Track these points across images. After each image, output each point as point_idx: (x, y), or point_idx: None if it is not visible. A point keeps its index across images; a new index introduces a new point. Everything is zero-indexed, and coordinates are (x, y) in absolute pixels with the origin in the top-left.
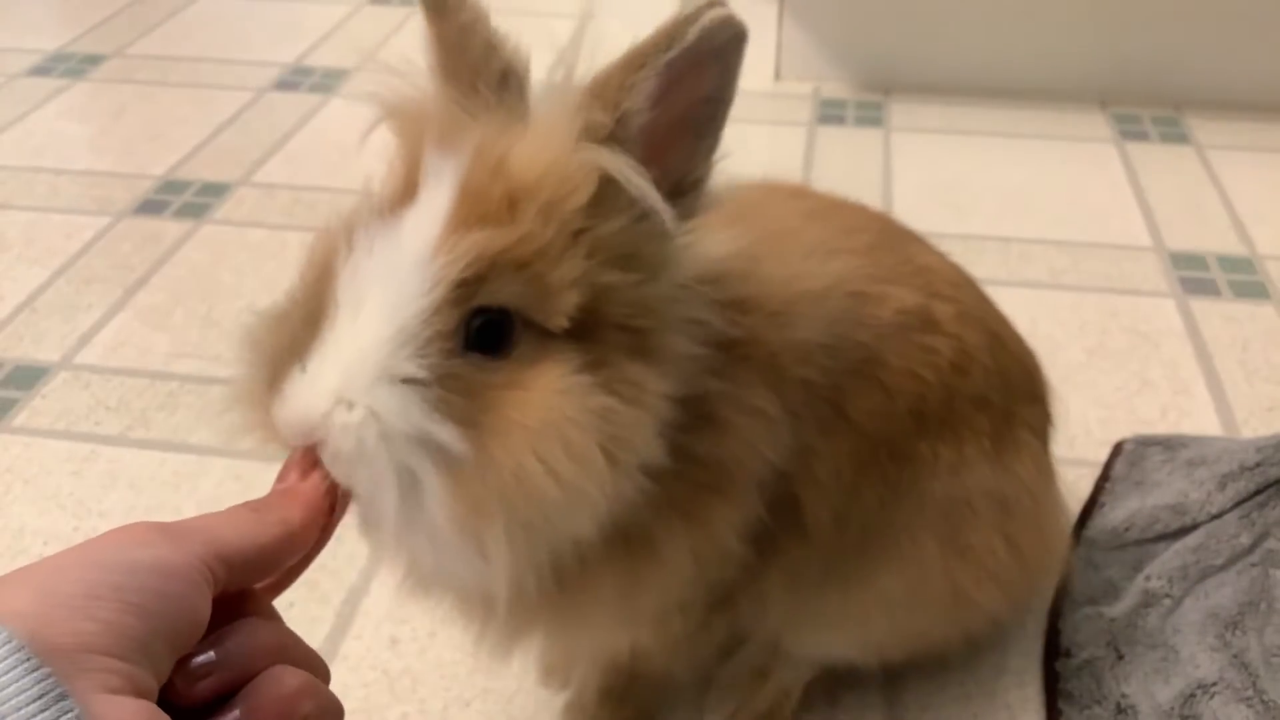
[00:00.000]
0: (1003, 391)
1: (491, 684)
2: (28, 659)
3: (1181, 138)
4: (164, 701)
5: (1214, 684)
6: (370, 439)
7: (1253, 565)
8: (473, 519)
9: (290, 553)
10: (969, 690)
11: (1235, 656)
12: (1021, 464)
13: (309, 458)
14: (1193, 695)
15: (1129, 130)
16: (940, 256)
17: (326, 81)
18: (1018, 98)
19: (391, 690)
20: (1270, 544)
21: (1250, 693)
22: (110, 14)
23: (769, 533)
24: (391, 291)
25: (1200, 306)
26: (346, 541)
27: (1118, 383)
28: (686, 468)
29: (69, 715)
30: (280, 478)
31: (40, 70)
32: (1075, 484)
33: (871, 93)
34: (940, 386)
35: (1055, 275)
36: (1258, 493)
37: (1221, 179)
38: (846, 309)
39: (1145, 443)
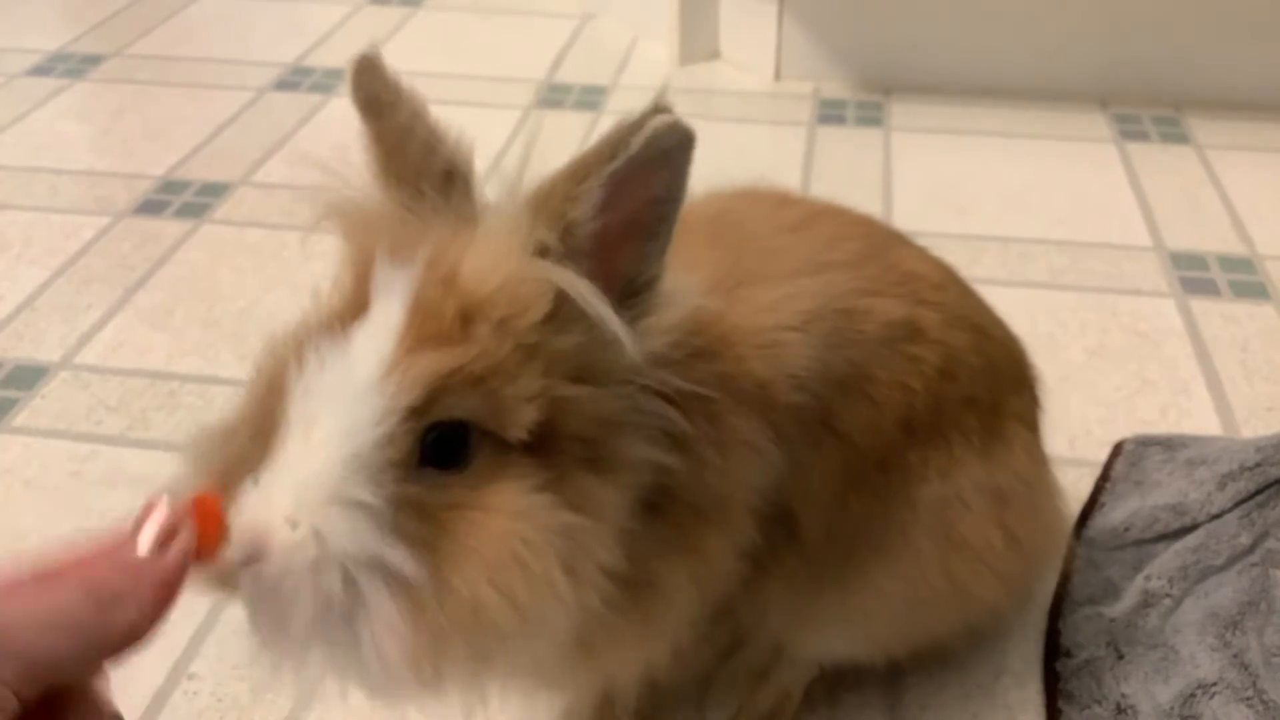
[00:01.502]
0: (990, 387)
1: None
2: None
3: (1182, 138)
4: None
5: (1214, 684)
6: (306, 561)
7: (1253, 565)
8: (428, 649)
9: (132, 646)
10: (969, 690)
11: (1235, 656)
12: (1013, 455)
13: (172, 524)
14: (1193, 695)
15: (1129, 130)
16: (923, 257)
17: (327, 81)
18: (1018, 98)
19: None
20: (1270, 544)
21: (1250, 693)
22: (110, 14)
23: (765, 548)
24: (344, 414)
25: (1200, 306)
26: None
27: (1118, 382)
28: (675, 510)
29: None
30: (132, 533)
31: (40, 70)
32: (1075, 484)
33: (871, 93)
34: (928, 394)
35: (1055, 275)
36: (1258, 492)
37: (1221, 179)
38: (835, 329)
39: (1145, 442)
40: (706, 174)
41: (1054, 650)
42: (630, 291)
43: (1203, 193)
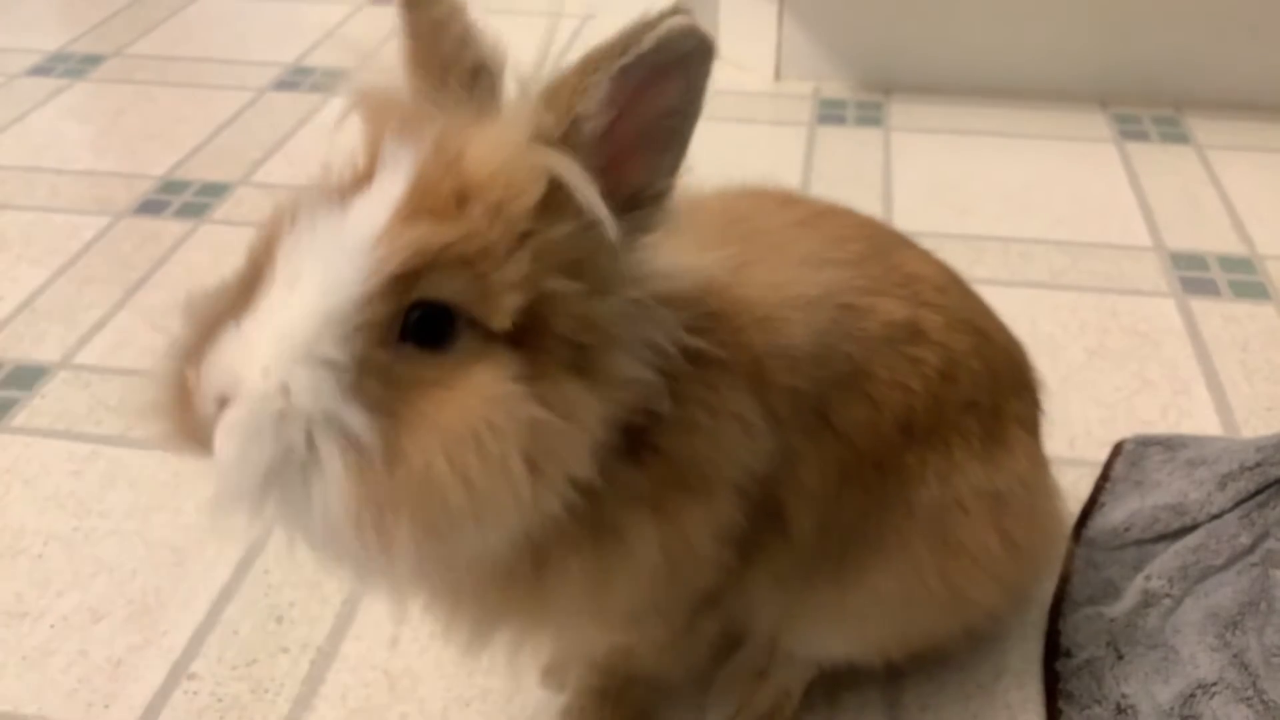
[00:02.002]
0: (991, 390)
1: (491, 684)
2: None
3: (1181, 138)
4: None
5: (1214, 684)
6: (269, 413)
7: (1253, 565)
8: (372, 512)
9: None
10: (969, 691)
11: (1235, 656)
12: (1013, 458)
13: None
14: (1193, 695)
15: (1129, 130)
16: (926, 259)
17: (326, 81)
18: (1018, 98)
19: (392, 690)
20: (1270, 544)
21: (1250, 692)
22: (110, 14)
23: (751, 536)
24: (329, 272)
25: (1200, 306)
26: None
27: (1118, 382)
28: (656, 464)
29: None
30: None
31: (40, 70)
32: (1075, 484)
33: (871, 93)
34: (928, 396)
35: (1055, 275)
36: (1258, 492)
37: (1221, 179)
38: (835, 320)
39: (1145, 442)
40: (707, 174)
41: (1054, 650)
42: (635, 203)
43: (1203, 193)
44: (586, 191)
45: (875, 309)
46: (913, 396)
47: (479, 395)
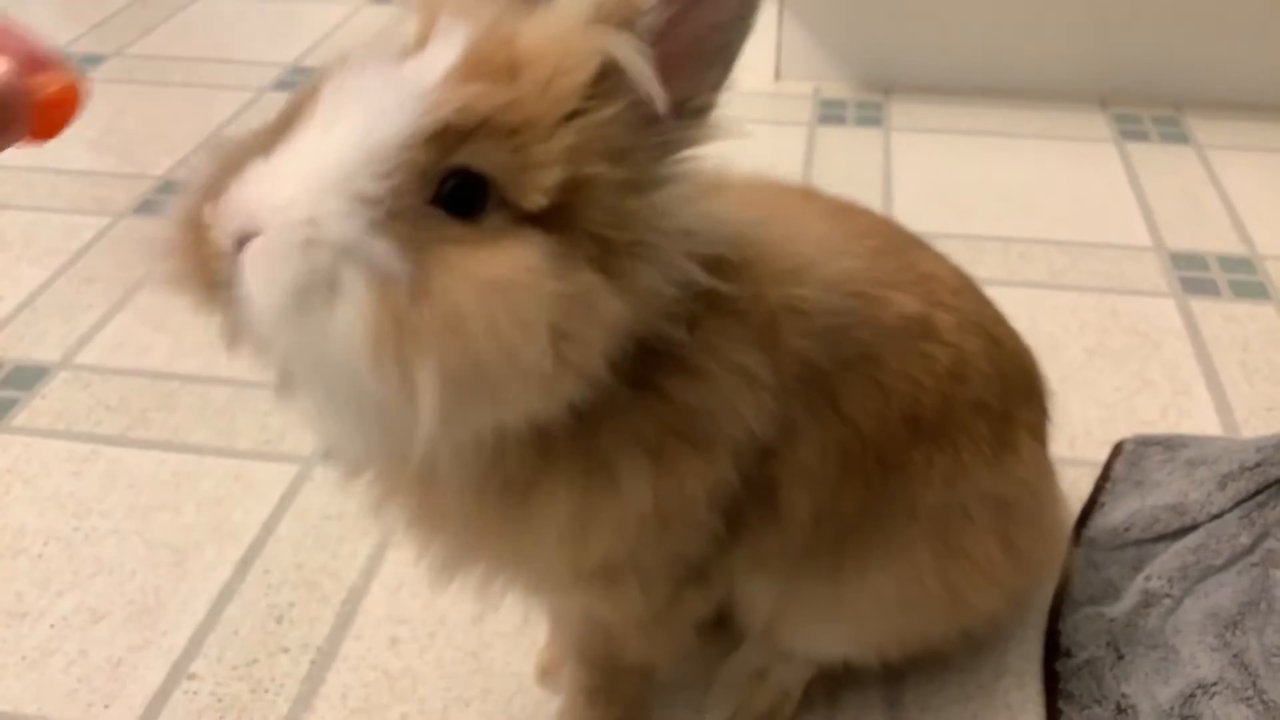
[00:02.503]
0: (1001, 395)
1: (492, 684)
2: None
3: (1181, 138)
4: None
5: (1214, 684)
6: (296, 240)
7: (1253, 565)
8: (394, 343)
9: None
10: (969, 691)
11: (1235, 656)
12: (1021, 465)
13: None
14: (1193, 695)
15: (1129, 130)
16: (942, 262)
17: None
18: (1018, 98)
19: (391, 690)
20: (1270, 544)
21: (1250, 693)
22: (110, 14)
23: (740, 509)
24: (372, 113)
25: (1200, 306)
26: (347, 542)
27: (1118, 382)
28: (659, 406)
29: None
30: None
31: None
32: (1075, 484)
33: (871, 93)
34: (937, 393)
35: (1055, 275)
36: (1258, 493)
37: (1221, 179)
38: (850, 304)
39: (1145, 443)
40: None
41: (1054, 650)
42: (678, 113)
43: (1203, 193)
44: (640, 69)
45: (890, 300)
46: (922, 391)
47: (509, 259)
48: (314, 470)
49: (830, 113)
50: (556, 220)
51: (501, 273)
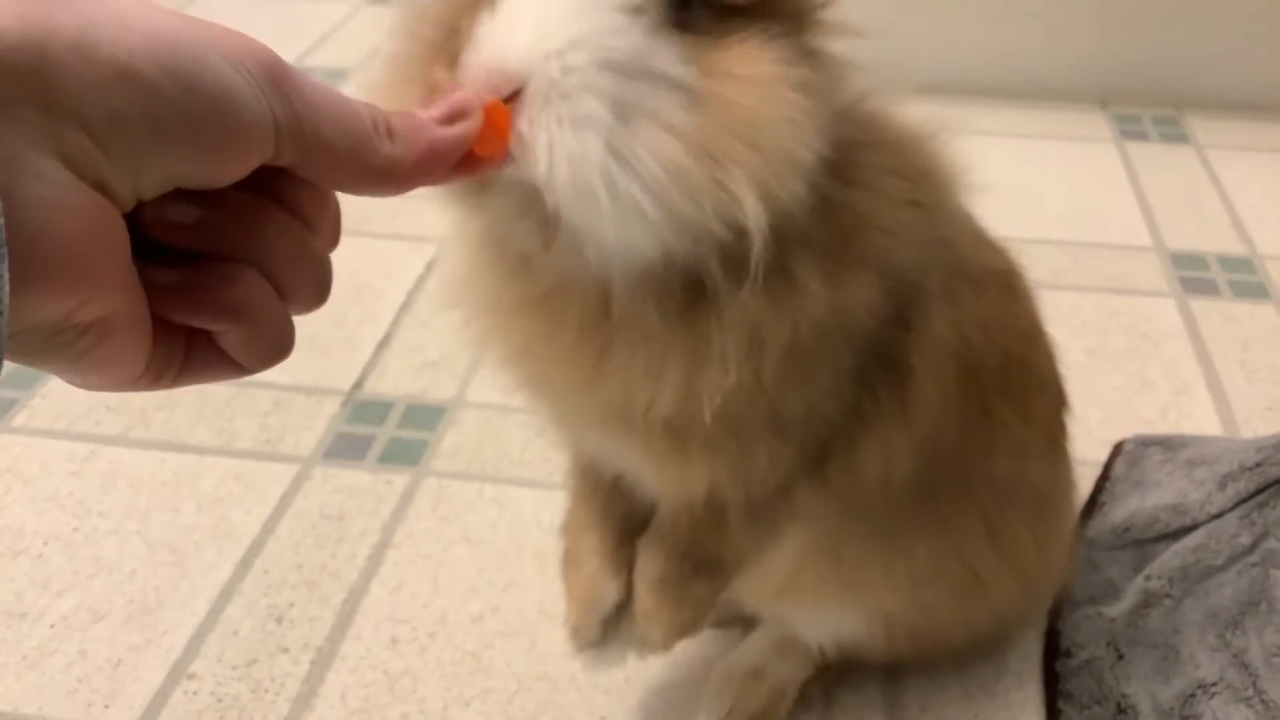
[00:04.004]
0: (1055, 387)
1: (492, 683)
2: None
3: (1181, 138)
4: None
5: (1214, 684)
6: (579, 66)
7: (1253, 565)
8: (714, 150)
9: (371, 188)
10: (969, 690)
11: (1235, 656)
12: (1063, 465)
13: (458, 106)
14: (1193, 695)
15: (1129, 130)
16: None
17: (326, 81)
18: (1017, 98)
19: (391, 690)
20: (1270, 544)
21: (1250, 693)
22: None
23: (873, 386)
24: None
25: (1200, 306)
26: (347, 542)
27: (1118, 382)
28: (831, 213)
29: None
30: (427, 104)
31: None
32: (1075, 484)
33: None
34: (1018, 353)
35: (1056, 275)
36: (1258, 492)
37: (1221, 179)
38: (971, 220)
39: (1145, 442)
40: None
41: (1054, 650)
42: None
43: (1203, 193)
44: None
45: (979, 248)
46: (1010, 340)
47: (759, 56)
48: (314, 470)
49: None
50: (759, 10)
51: (763, 70)
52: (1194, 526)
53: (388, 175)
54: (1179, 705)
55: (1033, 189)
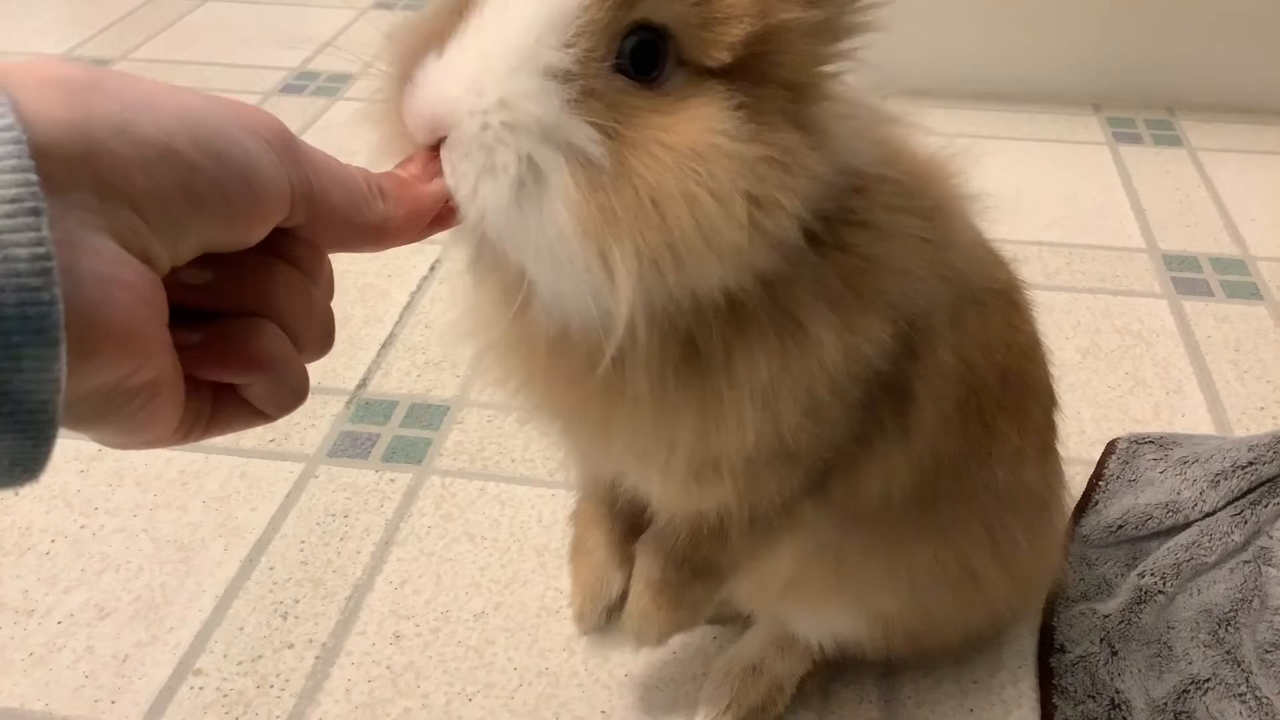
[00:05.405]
0: (1050, 395)
1: (494, 678)
2: (21, 152)
3: (1174, 140)
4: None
5: (1207, 680)
6: (496, 125)
7: (1245, 563)
8: (600, 229)
9: (365, 244)
10: (964, 686)
11: (1228, 653)
12: (1057, 469)
13: (435, 163)
14: (1186, 691)
15: (1122, 133)
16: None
17: (332, 85)
18: (1011, 101)
19: (395, 685)
20: (1262, 541)
21: (1243, 688)
22: (117, 18)
23: (876, 411)
24: None
25: (1193, 307)
26: (351, 539)
27: (1111, 382)
28: (840, 259)
29: (33, 236)
30: (403, 165)
31: None
32: (1069, 482)
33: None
34: (1017, 367)
35: (1049, 276)
36: (1250, 491)
37: (1214, 181)
38: (982, 244)
39: (1138, 441)
40: None
41: (1049, 646)
42: None
43: (1195, 195)
44: None
45: (983, 262)
46: (1010, 357)
47: (703, 124)
48: (319, 469)
49: None
50: (743, 73)
51: (698, 141)
52: (1187, 524)
53: (382, 231)
54: (1172, 701)
55: (1027, 191)
